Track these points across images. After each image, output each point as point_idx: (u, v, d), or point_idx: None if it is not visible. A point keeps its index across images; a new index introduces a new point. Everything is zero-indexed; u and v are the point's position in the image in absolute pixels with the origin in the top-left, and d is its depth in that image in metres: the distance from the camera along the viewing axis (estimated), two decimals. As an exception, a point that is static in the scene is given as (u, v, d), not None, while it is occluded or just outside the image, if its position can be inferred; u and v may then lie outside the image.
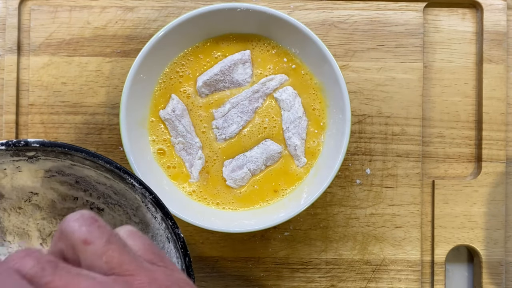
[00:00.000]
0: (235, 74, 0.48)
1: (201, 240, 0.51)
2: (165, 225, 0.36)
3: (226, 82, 0.48)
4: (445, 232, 0.52)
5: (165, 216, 0.36)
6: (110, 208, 0.42)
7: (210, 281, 0.51)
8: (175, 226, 0.36)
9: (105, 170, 0.37)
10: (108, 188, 0.40)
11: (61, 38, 0.51)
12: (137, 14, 0.52)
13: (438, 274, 0.52)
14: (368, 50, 0.52)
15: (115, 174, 0.36)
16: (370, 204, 0.52)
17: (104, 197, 0.41)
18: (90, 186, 0.40)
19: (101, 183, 0.39)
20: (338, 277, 0.52)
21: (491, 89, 0.52)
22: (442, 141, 0.53)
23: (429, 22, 0.53)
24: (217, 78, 0.48)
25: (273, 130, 0.48)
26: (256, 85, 0.48)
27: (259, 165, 0.48)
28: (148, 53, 0.45)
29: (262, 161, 0.48)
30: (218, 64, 0.48)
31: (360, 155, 0.52)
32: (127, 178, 0.36)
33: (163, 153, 0.48)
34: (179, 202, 0.47)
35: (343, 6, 0.52)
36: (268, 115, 0.49)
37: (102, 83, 0.51)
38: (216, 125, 0.48)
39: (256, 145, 0.48)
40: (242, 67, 0.48)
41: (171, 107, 0.47)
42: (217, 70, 0.47)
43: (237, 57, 0.48)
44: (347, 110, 0.46)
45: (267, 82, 0.48)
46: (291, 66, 0.48)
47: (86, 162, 0.37)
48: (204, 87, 0.48)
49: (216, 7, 0.46)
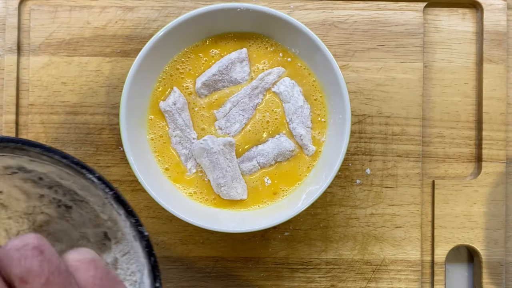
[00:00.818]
0: (233, 73, 0.48)
1: (201, 240, 0.51)
2: (129, 222, 0.35)
3: (225, 82, 0.48)
4: (445, 232, 0.52)
5: (128, 214, 0.34)
6: (77, 205, 0.40)
7: (210, 281, 0.51)
8: (138, 224, 0.34)
9: (63, 165, 0.35)
10: (73, 184, 0.38)
11: (61, 38, 0.51)
12: (137, 14, 0.52)
13: (438, 274, 0.52)
14: (368, 50, 0.52)
15: (73, 169, 0.35)
16: (370, 204, 0.52)
17: (70, 193, 0.40)
18: (54, 182, 0.39)
19: (65, 179, 0.38)
20: (338, 277, 0.52)
21: (491, 89, 0.52)
22: (442, 141, 0.53)
23: (429, 22, 0.53)
24: (215, 78, 0.48)
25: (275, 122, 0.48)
26: (255, 81, 0.48)
27: (269, 159, 0.48)
28: (148, 53, 0.45)
29: (273, 156, 0.48)
30: (216, 64, 0.48)
31: (360, 155, 0.52)
32: (85, 173, 0.34)
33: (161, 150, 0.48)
34: (179, 202, 0.47)
35: (343, 6, 0.52)
36: (268, 109, 0.48)
37: (102, 83, 0.51)
38: (219, 126, 0.48)
39: (271, 138, 0.48)
40: (239, 66, 0.48)
41: (172, 100, 0.47)
42: (215, 70, 0.47)
43: (234, 56, 0.48)
44: (347, 110, 0.46)
45: (265, 77, 0.48)
46: (287, 59, 0.49)
47: (44, 157, 0.35)
48: (203, 88, 0.48)
49: (216, 7, 0.46)
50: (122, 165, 0.51)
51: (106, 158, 0.51)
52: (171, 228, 0.51)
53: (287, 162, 0.48)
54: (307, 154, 0.48)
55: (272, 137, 0.48)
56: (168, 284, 0.51)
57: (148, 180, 0.45)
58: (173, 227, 0.51)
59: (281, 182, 0.48)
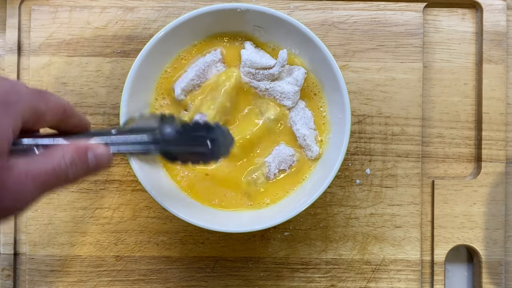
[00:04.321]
0: (208, 75, 0.48)
1: (201, 240, 0.52)
2: None
3: (202, 84, 0.48)
4: (444, 232, 0.52)
5: None
6: None
7: (210, 281, 0.52)
8: None
9: None
10: None
11: (61, 38, 0.51)
12: (137, 14, 0.52)
13: (438, 274, 0.52)
14: (368, 50, 0.52)
15: None
16: (370, 204, 0.52)
17: None
18: None
19: None
20: (338, 277, 0.52)
21: (490, 89, 0.52)
22: (442, 141, 0.53)
23: (429, 22, 0.53)
24: (193, 83, 0.47)
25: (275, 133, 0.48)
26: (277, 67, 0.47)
27: (272, 169, 0.48)
28: (148, 54, 0.45)
29: (275, 165, 0.48)
30: (192, 69, 0.48)
31: (360, 155, 0.52)
32: None
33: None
34: (179, 202, 0.47)
35: (343, 6, 0.52)
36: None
37: (102, 83, 0.52)
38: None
39: (273, 150, 0.48)
40: (215, 68, 0.48)
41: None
42: (192, 75, 0.47)
43: (209, 59, 0.47)
44: (347, 110, 0.46)
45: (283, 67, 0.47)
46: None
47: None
48: (182, 94, 0.48)
49: (216, 7, 0.46)
50: (122, 165, 0.51)
51: (106, 158, 0.51)
52: (171, 228, 0.51)
53: (290, 171, 0.48)
54: (310, 156, 0.48)
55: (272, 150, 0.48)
56: (168, 284, 0.52)
57: (148, 180, 0.45)
58: (173, 227, 0.51)
59: (281, 182, 0.48)
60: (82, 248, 0.51)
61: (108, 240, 0.51)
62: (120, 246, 0.51)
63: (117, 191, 0.51)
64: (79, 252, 0.51)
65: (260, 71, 0.47)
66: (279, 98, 0.48)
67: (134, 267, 0.51)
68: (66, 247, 0.51)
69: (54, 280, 0.51)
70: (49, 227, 0.51)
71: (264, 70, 0.47)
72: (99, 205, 0.51)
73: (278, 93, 0.47)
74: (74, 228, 0.51)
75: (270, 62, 0.47)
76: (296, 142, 0.48)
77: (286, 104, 0.48)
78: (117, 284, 0.51)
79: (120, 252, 0.51)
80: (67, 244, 0.51)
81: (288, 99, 0.47)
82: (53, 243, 0.51)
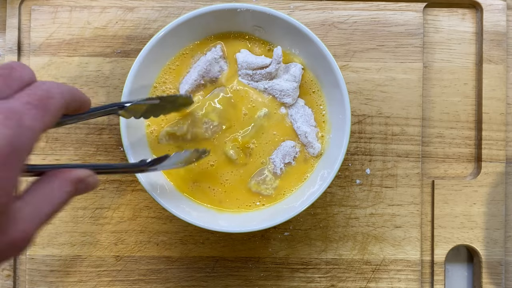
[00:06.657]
0: (212, 73, 0.48)
1: (201, 240, 0.52)
2: None
3: (206, 83, 0.48)
4: (444, 232, 0.52)
5: None
6: None
7: (210, 281, 0.52)
8: None
9: None
10: None
11: (61, 38, 0.51)
12: (137, 14, 0.52)
13: (438, 274, 0.52)
14: (368, 50, 0.52)
15: None
16: (370, 204, 0.52)
17: None
18: None
19: None
20: (338, 277, 0.52)
21: (490, 89, 0.52)
22: (442, 141, 0.53)
23: (429, 22, 0.53)
24: (197, 83, 0.48)
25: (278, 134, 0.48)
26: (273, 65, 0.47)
27: (277, 164, 0.48)
28: (148, 54, 0.45)
29: (279, 160, 0.48)
30: (194, 69, 0.48)
31: (360, 155, 0.52)
32: None
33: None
34: (179, 202, 0.47)
35: (343, 6, 0.52)
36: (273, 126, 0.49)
37: (102, 83, 0.52)
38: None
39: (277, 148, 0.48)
40: (217, 65, 0.48)
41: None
42: (196, 75, 0.47)
43: (210, 57, 0.48)
44: (347, 110, 0.46)
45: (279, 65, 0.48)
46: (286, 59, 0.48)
47: None
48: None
49: (216, 7, 0.46)
50: (122, 165, 0.51)
51: (106, 158, 0.51)
52: (171, 228, 0.51)
53: (296, 163, 0.48)
54: (312, 153, 0.48)
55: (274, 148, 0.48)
56: (168, 284, 0.52)
57: (148, 180, 0.45)
58: (173, 227, 0.51)
59: (282, 183, 0.48)
60: (82, 248, 0.51)
61: (108, 240, 0.51)
62: (120, 246, 0.51)
63: (117, 191, 0.51)
64: (79, 252, 0.51)
65: (257, 71, 0.47)
66: (279, 96, 0.48)
67: (134, 267, 0.51)
68: (66, 247, 0.51)
69: (54, 280, 0.51)
70: (49, 227, 0.51)
71: (261, 70, 0.47)
72: (99, 205, 0.51)
73: (277, 91, 0.47)
74: (74, 228, 0.51)
75: (266, 61, 0.47)
76: (297, 140, 0.48)
77: (286, 102, 0.48)
78: (117, 284, 0.51)
79: (120, 252, 0.51)
80: (67, 244, 0.51)
81: (288, 96, 0.47)
82: (53, 243, 0.51)
